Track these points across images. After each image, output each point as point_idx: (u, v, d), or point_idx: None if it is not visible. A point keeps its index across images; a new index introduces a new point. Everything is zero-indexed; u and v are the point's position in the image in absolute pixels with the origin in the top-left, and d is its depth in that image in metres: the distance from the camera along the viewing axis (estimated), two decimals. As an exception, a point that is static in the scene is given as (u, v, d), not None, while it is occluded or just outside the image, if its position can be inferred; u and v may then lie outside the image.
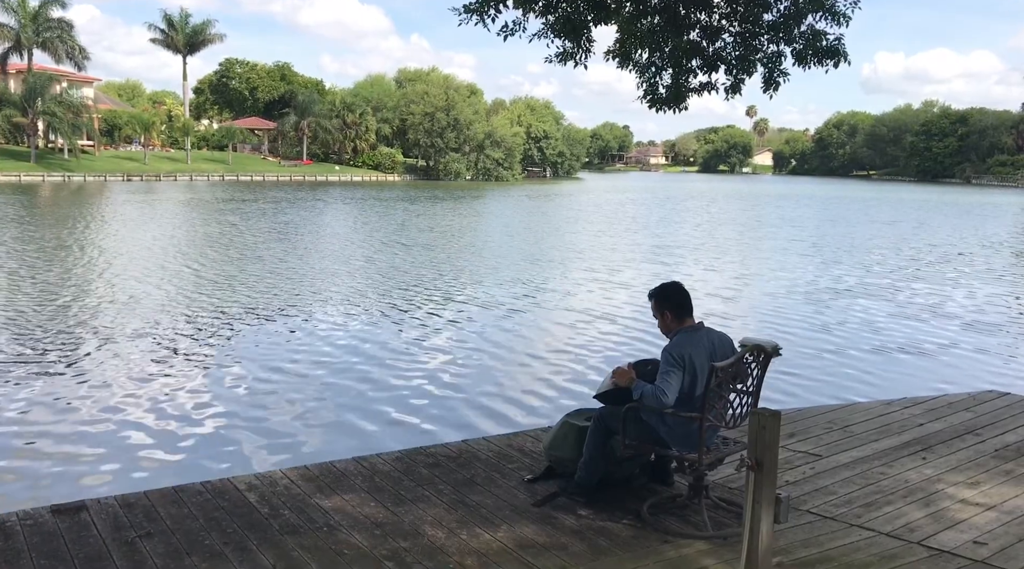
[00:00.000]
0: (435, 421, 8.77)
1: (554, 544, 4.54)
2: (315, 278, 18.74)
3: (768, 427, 3.56)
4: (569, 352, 12.02)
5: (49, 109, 62.24)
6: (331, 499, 5.06)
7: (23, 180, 57.78)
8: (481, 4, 6.24)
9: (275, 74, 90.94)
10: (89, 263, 20.10)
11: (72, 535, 4.47)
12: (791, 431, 6.54)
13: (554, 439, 5.46)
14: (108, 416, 8.60)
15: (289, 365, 10.87)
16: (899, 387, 10.22)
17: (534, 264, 22.41)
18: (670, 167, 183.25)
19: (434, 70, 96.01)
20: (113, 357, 11.04)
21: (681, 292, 4.98)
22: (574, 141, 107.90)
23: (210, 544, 4.41)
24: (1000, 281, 21.12)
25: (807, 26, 6.44)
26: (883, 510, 5.06)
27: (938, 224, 41.01)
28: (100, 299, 15.32)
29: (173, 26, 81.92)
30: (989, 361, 12.17)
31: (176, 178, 67.44)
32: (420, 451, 6.03)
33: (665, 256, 24.81)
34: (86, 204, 41.12)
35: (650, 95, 6.87)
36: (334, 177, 78.25)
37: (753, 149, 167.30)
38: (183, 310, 14.38)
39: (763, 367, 4.92)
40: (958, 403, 7.55)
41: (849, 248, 28.41)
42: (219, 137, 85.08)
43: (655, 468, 5.45)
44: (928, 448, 6.24)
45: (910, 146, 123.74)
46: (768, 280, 20.14)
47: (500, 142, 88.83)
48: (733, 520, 4.79)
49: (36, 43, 66.01)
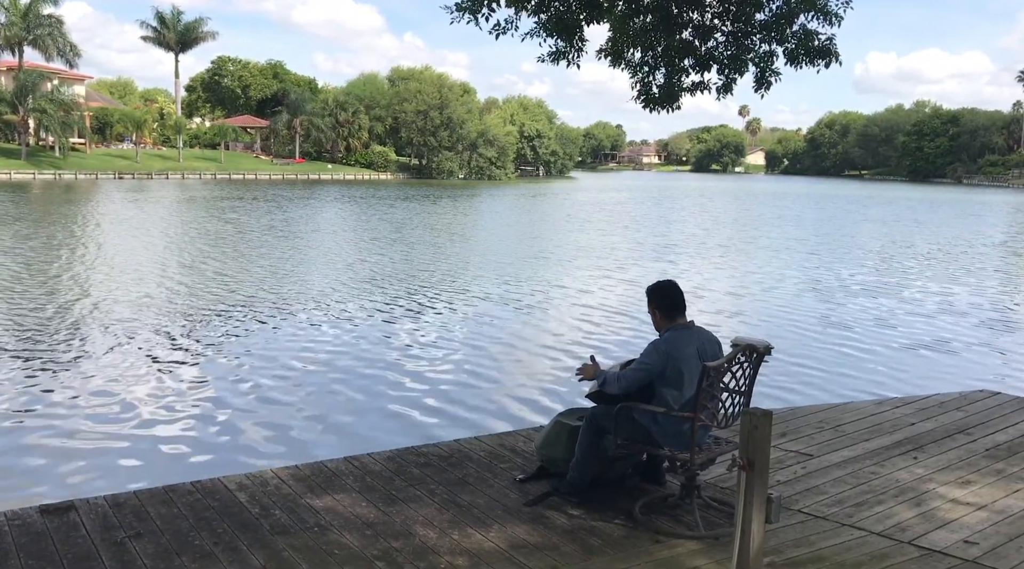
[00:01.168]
0: (427, 420, 8.76)
1: (546, 544, 4.54)
2: (308, 277, 18.69)
3: (759, 427, 3.56)
4: (562, 351, 12.02)
5: (40, 106, 61.98)
6: (322, 499, 5.04)
7: (13, 177, 57.56)
8: (474, 3, 6.22)
9: (268, 72, 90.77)
10: (78, 262, 20.01)
11: (61, 535, 4.44)
12: (783, 430, 6.54)
13: (546, 438, 5.46)
14: (98, 415, 8.56)
15: (280, 364, 10.83)
16: (890, 386, 10.26)
17: (527, 263, 22.41)
18: (663, 166, 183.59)
19: (427, 68, 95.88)
20: (103, 356, 10.98)
21: (674, 291, 5.01)
22: (567, 140, 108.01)
23: (200, 544, 4.39)
24: (992, 279, 21.20)
25: (799, 26, 6.45)
26: (874, 510, 5.07)
27: (932, 222, 41.17)
28: (89, 299, 15.25)
29: (165, 23, 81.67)
30: (980, 360, 12.21)
31: (168, 176, 67.26)
32: (412, 451, 6.01)
33: (662, 254, 24.83)
34: (77, 202, 40.95)
35: (643, 95, 6.87)
36: (327, 176, 78.16)
37: (746, 149, 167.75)
38: (173, 310, 14.33)
39: (755, 366, 4.92)
40: (949, 403, 7.56)
41: (843, 247, 28.49)
42: (211, 135, 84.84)
43: (647, 468, 5.45)
44: (919, 447, 6.25)
45: (902, 146, 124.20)
46: (763, 278, 20.16)
47: (493, 141, 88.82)
48: (725, 520, 4.79)
49: (27, 40, 65.73)
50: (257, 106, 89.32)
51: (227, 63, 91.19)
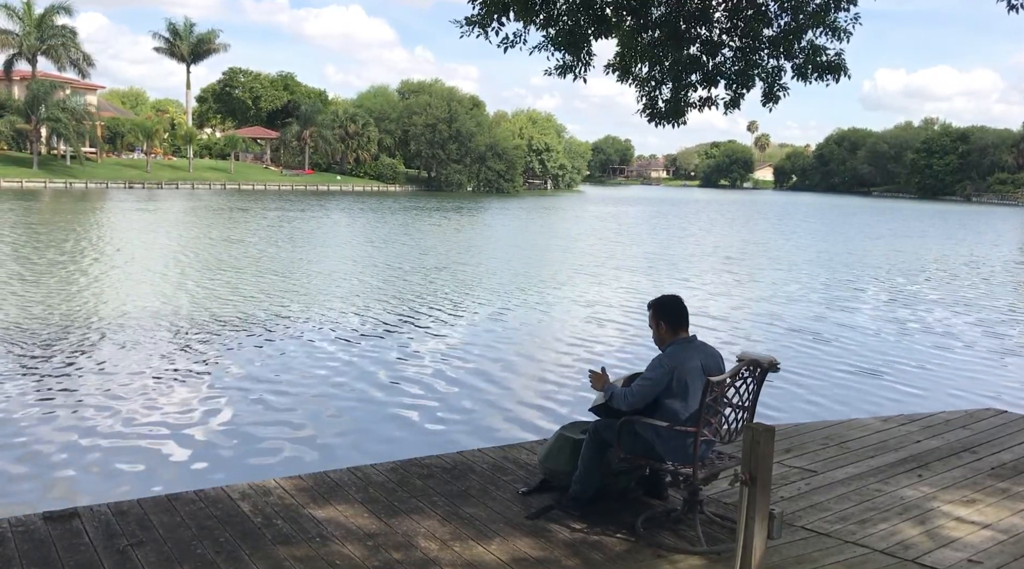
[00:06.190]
0: (430, 432, 8.75)
1: (547, 558, 4.52)
2: (314, 288, 18.73)
3: (762, 442, 3.55)
4: (566, 364, 12.01)
5: (52, 115, 62.41)
6: (324, 509, 5.04)
7: (25, 186, 57.96)
8: (483, 17, 6.27)
9: (278, 84, 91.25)
10: (84, 272, 20.10)
11: (64, 542, 4.44)
12: (787, 446, 6.52)
13: (549, 451, 5.45)
14: (102, 423, 8.58)
15: (284, 374, 10.85)
16: (896, 403, 10.21)
17: (534, 275, 22.42)
18: (671, 181, 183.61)
19: (437, 82, 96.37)
20: (109, 365, 11.02)
21: (679, 305, 5.03)
22: (575, 154, 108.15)
23: (202, 553, 4.39)
24: (1000, 297, 21.11)
25: (807, 41, 6.47)
26: (878, 527, 5.04)
27: (943, 241, 41.03)
28: (95, 308, 15.32)
29: (178, 35, 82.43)
30: (986, 378, 12.15)
31: (178, 186, 67.63)
32: (415, 462, 6.00)
33: (668, 266, 24.81)
34: (89, 211, 41.16)
35: (649, 109, 6.89)
36: (335, 187, 78.45)
37: (754, 164, 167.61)
38: (178, 319, 14.38)
39: (759, 382, 4.92)
40: (955, 420, 7.52)
41: (852, 263, 28.41)
42: (221, 146, 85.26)
43: (649, 482, 5.44)
44: (924, 465, 6.22)
45: (911, 163, 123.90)
46: (773, 293, 20.12)
47: (502, 154, 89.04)
48: (727, 535, 4.76)
49: (40, 50, 66.32)
50: (267, 117, 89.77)
51: (238, 74, 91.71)
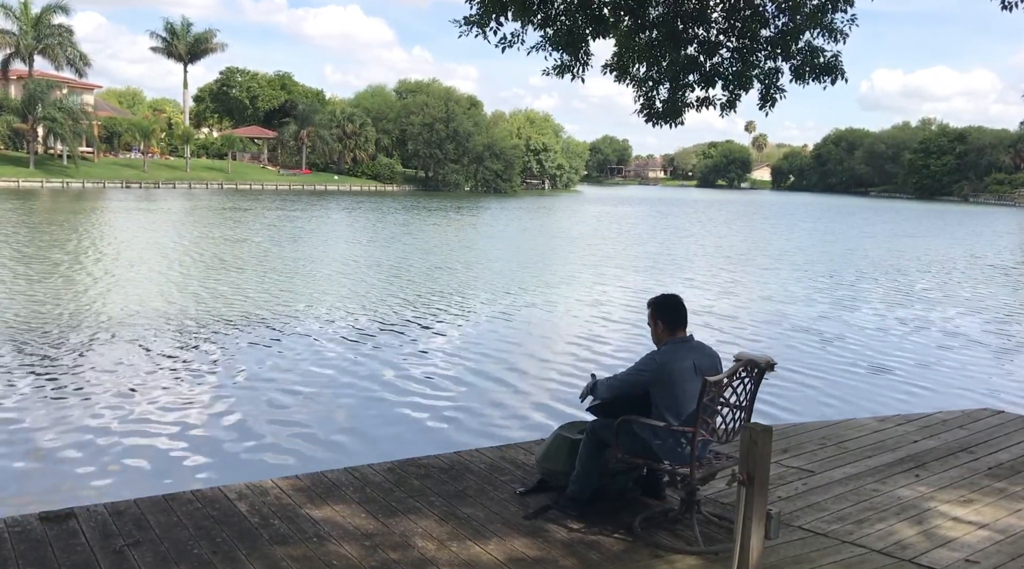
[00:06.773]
0: (427, 432, 8.75)
1: (545, 558, 4.52)
2: (316, 288, 18.72)
3: (759, 442, 3.55)
4: (564, 364, 12.01)
5: (49, 114, 62.31)
6: (322, 509, 5.04)
7: (22, 185, 57.87)
8: (481, 17, 6.27)
9: (276, 83, 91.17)
10: (82, 271, 20.08)
11: (60, 543, 4.43)
12: (784, 446, 6.52)
13: (547, 451, 5.45)
14: (99, 423, 8.57)
15: (282, 374, 10.84)
16: (893, 403, 10.22)
17: (532, 275, 22.41)
18: (668, 181, 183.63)
19: (434, 81, 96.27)
20: (106, 364, 11.01)
21: (678, 304, 5.04)
22: (573, 154, 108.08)
23: (199, 553, 4.39)
24: (997, 297, 21.14)
25: (805, 42, 6.47)
26: (875, 527, 5.05)
27: (940, 240, 41.09)
28: (93, 308, 15.29)
29: (175, 34, 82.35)
30: (983, 378, 12.17)
31: (175, 186, 67.56)
32: (412, 462, 6.00)
33: (668, 266, 24.82)
34: (89, 211, 41.10)
35: (647, 109, 6.89)
36: (333, 187, 78.41)
37: (752, 164, 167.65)
38: (177, 319, 14.36)
39: (756, 382, 4.92)
40: (952, 421, 7.53)
41: (851, 263, 28.44)
42: (219, 145, 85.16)
43: (647, 482, 5.44)
44: (922, 465, 6.22)
45: (908, 163, 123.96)
46: (770, 293, 20.14)
47: (500, 154, 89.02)
48: (725, 535, 4.76)
49: (37, 49, 66.21)
50: (265, 117, 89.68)
51: (235, 74, 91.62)
